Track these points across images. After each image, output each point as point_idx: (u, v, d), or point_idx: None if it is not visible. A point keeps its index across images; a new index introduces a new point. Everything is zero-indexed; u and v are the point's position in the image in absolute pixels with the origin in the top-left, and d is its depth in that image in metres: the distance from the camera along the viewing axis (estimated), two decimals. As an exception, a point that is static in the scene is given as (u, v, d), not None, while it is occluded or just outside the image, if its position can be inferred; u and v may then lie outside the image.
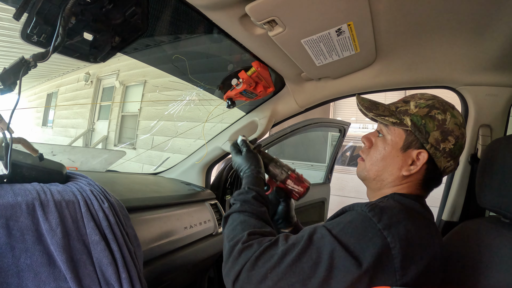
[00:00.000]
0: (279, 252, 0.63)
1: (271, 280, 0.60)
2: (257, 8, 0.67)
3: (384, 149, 0.78)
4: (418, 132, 0.73)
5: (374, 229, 0.59)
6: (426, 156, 0.72)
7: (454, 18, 0.82)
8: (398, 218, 0.62)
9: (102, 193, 0.79)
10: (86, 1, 0.61)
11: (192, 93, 3.74)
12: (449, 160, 0.73)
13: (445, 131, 0.71)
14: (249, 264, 0.64)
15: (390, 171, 0.76)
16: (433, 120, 0.72)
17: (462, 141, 0.73)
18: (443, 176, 0.77)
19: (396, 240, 0.58)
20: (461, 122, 0.73)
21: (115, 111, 5.69)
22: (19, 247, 0.62)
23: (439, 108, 0.73)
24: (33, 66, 0.57)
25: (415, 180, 0.75)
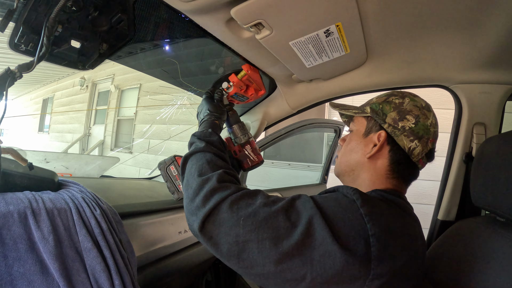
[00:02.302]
0: (257, 203, 0.59)
1: (243, 228, 0.56)
2: (242, 12, 0.67)
3: (351, 140, 0.82)
4: (376, 115, 0.77)
5: (356, 213, 0.56)
6: (384, 134, 0.74)
7: (444, 17, 0.82)
8: (380, 209, 0.60)
9: (94, 200, 0.79)
10: (72, 9, 0.62)
11: (183, 97, 3.76)
12: (413, 139, 0.72)
13: (402, 111, 0.74)
14: (224, 205, 0.59)
15: (355, 158, 0.79)
16: (390, 104, 0.76)
17: (426, 122, 0.73)
18: (415, 160, 0.73)
19: (376, 229, 0.55)
20: (422, 106, 0.75)
21: (111, 116, 5.69)
22: (12, 256, 0.62)
23: (397, 95, 0.78)
24: (19, 77, 0.57)
25: (383, 166, 0.75)
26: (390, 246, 0.55)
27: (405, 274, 0.58)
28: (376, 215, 0.57)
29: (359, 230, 0.54)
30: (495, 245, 0.76)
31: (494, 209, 0.80)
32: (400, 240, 0.58)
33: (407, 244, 0.59)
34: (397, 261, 0.56)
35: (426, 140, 0.73)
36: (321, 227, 0.54)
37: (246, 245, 0.56)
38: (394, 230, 0.58)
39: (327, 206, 0.57)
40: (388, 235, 0.56)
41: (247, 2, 0.64)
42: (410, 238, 0.61)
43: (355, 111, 0.83)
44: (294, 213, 0.57)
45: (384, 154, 0.75)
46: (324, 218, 0.55)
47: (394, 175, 0.74)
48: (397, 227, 0.59)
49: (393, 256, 0.56)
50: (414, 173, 0.76)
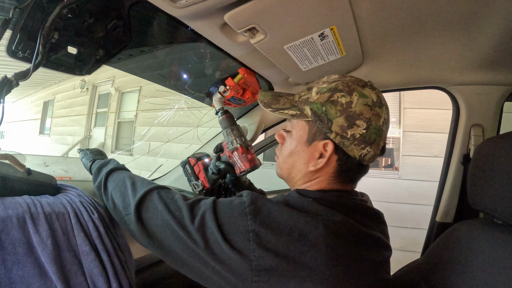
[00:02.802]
0: (176, 196, 0.69)
1: (166, 214, 0.65)
2: (235, 17, 0.68)
3: (291, 145, 0.73)
4: (319, 122, 0.67)
5: (242, 211, 0.60)
6: (332, 147, 0.66)
7: (441, 18, 0.82)
8: (268, 207, 0.60)
9: (92, 203, 0.79)
10: (67, 16, 0.63)
11: (180, 101, 3.79)
12: (364, 147, 0.65)
13: (351, 116, 0.63)
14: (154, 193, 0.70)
15: (298, 168, 0.72)
16: (335, 105, 0.65)
17: (378, 123, 0.65)
18: (366, 164, 0.69)
19: (256, 225, 0.57)
20: (374, 101, 0.65)
21: (112, 118, 5.70)
22: (11, 259, 0.63)
23: (343, 89, 0.65)
24: (15, 85, 0.58)
25: (326, 174, 0.69)
26: (270, 242, 0.56)
27: (293, 271, 0.55)
28: (259, 213, 0.59)
29: (240, 226, 0.58)
30: (491, 248, 0.75)
31: (491, 211, 0.79)
32: (286, 237, 0.56)
33: (296, 241, 0.56)
34: (280, 257, 0.55)
35: (378, 142, 0.67)
36: (210, 219, 0.60)
37: (165, 226, 0.64)
38: (279, 228, 0.57)
39: (221, 205, 0.63)
40: (270, 231, 0.57)
41: (240, 7, 0.65)
42: (303, 238, 0.57)
43: (292, 112, 0.71)
44: (196, 207, 0.65)
45: (331, 162, 0.68)
46: (215, 213, 0.61)
47: (339, 180, 0.70)
48: (286, 225, 0.57)
49: (275, 252, 0.56)
50: (363, 173, 0.72)
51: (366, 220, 0.66)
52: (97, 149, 1.03)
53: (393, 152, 3.37)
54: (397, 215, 3.14)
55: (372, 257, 0.62)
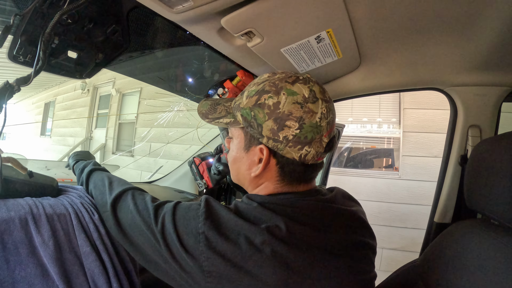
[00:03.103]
0: (146, 198, 0.71)
1: (136, 214, 0.67)
2: (232, 21, 0.69)
3: (232, 152, 0.73)
4: (250, 128, 0.65)
5: (196, 214, 0.61)
6: (267, 151, 0.64)
7: (437, 20, 0.82)
8: (219, 211, 0.61)
9: (93, 204, 0.80)
10: (67, 22, 0.64)
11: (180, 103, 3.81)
12: (301, 147, 0.62)
13: (280, 117, 0.60)
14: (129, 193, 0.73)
15: (243, 174, 0.71)
16: (263, 109, 0.62)
17: (313, 120, 0.61)
18: (311, 163, 0.66)
19: (206, 227, 0.58)
20: (305, 97, 0.61)
21: (112, 119, 5.71)
22: (13, 260, 0.64)
23: (270, 90, 0.62)
24: (17, 90, 0.59)
25: (270, 178, 0.67)
26: (218, 245, 0.56)
27: (239, 277, 0.55)
28: (211, 216, 0.60)
29: (193, 228, 0.59)
30: (488, 248, 0.74)
31: (488, 212, 0.79)
32: (232, 242, 0.56)
33: (240, 247, 0.56)
34: (227, 260, 0.55)
35: (319, 139, 0.62)
36: (169, 221, 0.62)
37: (134, 225, 0.67)
38: (227, 232, 0.57)
39: (180, 208, 0.64)
40: (218, 235, 0.57)
41: (237, 11, 0.66)
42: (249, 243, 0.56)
43: (226, 120, 0.70)
44: (160, 209, 0.66)
45: (271, 167, 0.66)
46: (173, 215, 0.63)
47: (286, 182, 0.67)
48: (233, 230, 0.57)
49: (222, 255, 0.56)
50: (314, 171, 0.69)
51: (321, 221, 0.63)
52: (84, 152, 1.07)
53: (393, 152, 3.37)
54: (397, 215, 3.14)
55: (329, 260, 0.59)
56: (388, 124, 3.41)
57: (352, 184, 3.23)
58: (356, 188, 3.25)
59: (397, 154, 3.30)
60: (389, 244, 3.12)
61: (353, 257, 0.63)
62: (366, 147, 3.55)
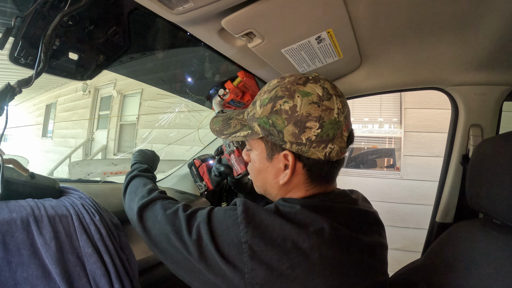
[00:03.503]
0: (176, 207, 0.69)
1: (165, 223, 0.67)
2: (233, 22, 0.69)
3: (255, 163, 0.72)
4: (271, 136, 0.64)
5: (234, 221, 0.59)
6: (292, 156, 0.63)
7: (437, 19, 0.82)
8: (260, 216, 0.59)
9: (94, 206, 0.81)
10: (68, 24, 0.64)
11: (181, 104, 3.81)
12: (325, 145, 0.61)
13: (299, 120, 0.60)
14: (158, 202, 0.73)
15: (270, 184, 0.70)
16: (280, 115, 0.61)
17: (331, 117, 0.60)
18: (336, 159, 0.65)
19: (249, 236, 0.56)
20: (320, 96, 0.61)
21: (114, 120, 5.72)
22: (15, 261, 0.64)
23: (284, 95, 0.62)
24: (18, 92, 0.59)
25: (299, 182, 0.66)
26: (263, 254, 0.55)
27: (286, 284, 0.53)
28: (252, 223, 0.57)
29: (233, 238, 0.57)
30: (490, 248, 0.74)
31: (490, 211, 0.79)
32: (279, 248, 0.55)
33: (287, 252, 0.54)
34: (273, 270, 0.54)
35: (340, 134, 0.63)
36: (205, 231, 0.60)
37: (163, 235, 0.66)
38: (272, 239, 0.55)
39: (215, 215, 0.62)
40: (263, 243, 0.55)
41: (237, 12, 0.66)
42: (296, 249, 0.55)
43: (243, 133, 0.69)
44: (193, 218, 0.64)
45: (299, 170, 0.65)
46: (209, 224, 0.61)
47: (316, 184, 0.67)
48: (278, 235, 0.56)
49: (268, 265, 0.54)
50: (338, 168, 0.69)
51: (356, 223, 0.64)
52: (145, 153, 1.08)
53: (394, 152, 3.37)
54: (399, 215, 3.13)
55: (366, 262, 0.60)
56: (389, 124, 3.41)
57: (353, 184, 3.22)
58: (358, 188, 3.21)
59: (398, 154, 3.30)
60: (390, 244, 3.06)
61: (377, 258, 0.64)
62: (368, 147, 3.55)
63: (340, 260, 0.56)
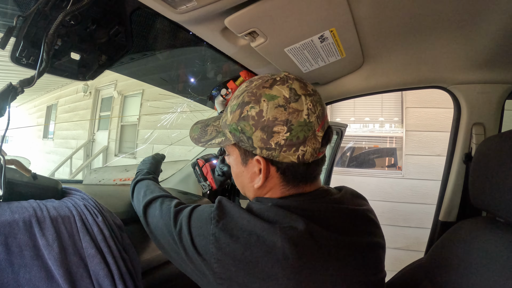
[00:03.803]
0: (172, 204, 0.74)
1: (160, 218, 0.74)
2: (236, 21, 0.69)
3: (233, 168, 0.72)
4: (242, 143, 0.64)
5: (208, 216, 0.61)
6: (263, 162, 0.63)
7: (440, 18, 0.81)
8: (232, 213, 0.60)
9: (96, 207, 0.80)
10: (70, 23, 0.64)
11: (183, 104, 3.81)
12: (296, 149, 0.60)
13: (266, 125, 0.59)
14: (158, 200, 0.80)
15: (247, 187, 0.71)
16: (247, 121, 0.60)
17: (301, 118, 0.58)
18: (311, 160, 0.63)
19: (216, 229, 0.58)
20: (286, 98, 0.59)
21: (115, 121, 5.72)
22: (18, 263, 0.64)
23: (250, 100, 0.61)
24: (20, 92, 0.59)
25: (274, 185, 0.66)
26: (228, 246, 0.56)
27: (250, 277, 0.54)
28: (223, 217, 0.59)
29: (205, 230, 0.60)
30: (494, 246, 0.74)
31: (493, 210, 0.78)
32: (243, 241, 0.56)
33: (251, 247, 0.55)
34: (238, 263, 0.55)
35: (312, 135, 0.60)
36: (185, 224, 0.64)
37: (159, 229, 0.73)
38: (238, 232, 0.57)
39: (196, 211, 0.66)
40: (229, 235, 0.57)
41: (240, 11, 0.66)
42: (261, 243, 0.55)
43: (218, 140, 0.69)
44: (179, 213, 0.69)
45: (272, 174, 0.64)
46: (189, 218, 0.65)
47: (292, 185, 0.66)
48: (245, 229, 0.57)
49: (232, 257, 0.55)
50: (317, 167, 0.67)
51: (337, 223, 0.62)
52: (150, 160, 1.11)
53: (396, 151, 3.37)
54: (401, 214, 3.13)
55: (347, 262, 0.59)
56: (390, 123, 3.41)
57: (355, 183, 3.22)
58: (359, 188, 3.21)
59: (400, 153, 3.29)
60: (393, 244, 3.10)
61: (365, 258, 0.63)
62: (369, 147, 3.55)
63: (309, 258, 0.54)
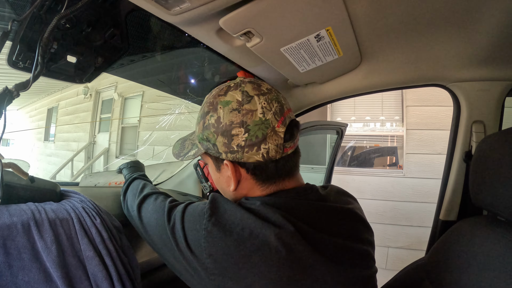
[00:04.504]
0: (166, 202, 0.74)
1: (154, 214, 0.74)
2: (230, 22, 0.69)
3: (212, 175, 0.75)
4: (210, 150, 0.67)
5: (201, 211, 0.62)
6: (230, 164, 0.65)
7: (438, 15, 0.81)
8: (224, 208, 0.62)
9: (94, 209, 0.81)
10: (65, 26, 0.64)
11: (181, 106, 3.82)
12: (258, 147, 0.61)
13: (225, 130, 0.62)
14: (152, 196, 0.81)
15: (227, 192, 0.72)
16: (209, 129, 0.64)
17: (254, 119, 0.60)
18: (279, 157, 0.64)
19: (209, 223, 0.59)
20: (239, 101, 0.61)
21: (115, 123, 5.73)
22: (16, 265, 0.64)
23: (209, 109, 0.65)
24: (16, 95, 0.59)
25: (250, 186, 0.67)
26: (221, 240, 0.57)
27: (242, 271, 0.55)
28: (216, 212, 0.61)
29: (197, 225, 0.61)
30: (495, 245, 0.74)
31: (494, 209, 0.78)
32: (236, 236, 0.57)
33: (244, 241, 0.56)
34: (230, 257, 0.56)
35: (271, 132, 0.61)
36: (178, 220, 0.65)
37: (152, 226, 0.73)
38: (231, 226, 0.58)
39: (189, 208, 0.67)
40: (222, 229, 0.58)
41: (235, 12, 0.66)
42: (254, 238, 0.56)
43: (192, 152, 0.73)
44: (173, 209, 0.70)
45: (244, 176, 0.66)
46: (182, 214, 0.65)
47: (269, 183, 0.67)
48: (238, 223, 0.58)
49: (225, 252, 0.56)
50: (289, 161, 0.67)
51: (321, 221, 0.63)
52: (135, 162, 1.16)
53: (396, 150, 3.36)
54: (402, 213, 3.13)
55: (335, 260, 0.59)
56: (391, 122, 3.40)
57: (356, 183, 3.22)
58: (361, 187, 3.24)
59: (400, 152, 3.29)
60: (394, 243, 3.10)
61: (353, 256, 0.63)
62: (370, 146, 3.54)
63: (299, 254, 0.56)
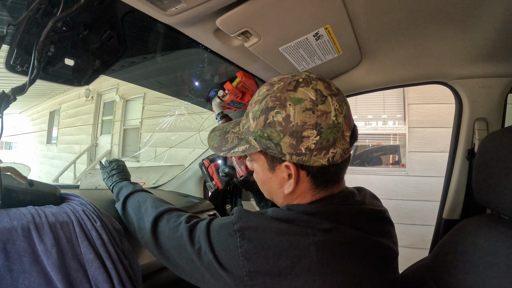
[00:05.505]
0: (180, 219, 0.72)
1: (172, 236, 0.70)
2: (227, 21, 0.68)
3: (259, 174, 0.70)
4: (269, 150, 0.62)
5: (230, 229, 0.59)
6: (294, 167, 0.61)
7: (438, 12, 0.80)
8: (257, 224, 0.58)
9: (95, 212, 0.80)
10: (62, 29, 0.64)
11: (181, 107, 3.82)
12: (327, 151, 0.58)
13: (295, 131, 0.57)
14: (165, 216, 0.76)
15: (276, 193, 0.68)
16: (274, 127, 0.58)
17: (329, 121, 0.57)
18: (341, 161, 0.62)
19: (245, 244, 0.56)
20: (313, 100, 0.57)
21: (117, 125, 5.75)
22: (17, 269, 0.64)
23: (275, 105, 0.58)
24: (13, 99, 0.59)
25: (305, 189, 0.64)
26: (261, 261, 0.55)
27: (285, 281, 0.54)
28: (247, 229, 0.58)
29: (230, 245, 0.58)
30: (499, 244, 0.73)
31: (497, 207, 0.77)
32: (275, 250, 0.55)
33: (284, 253, 0.54)
34: (271, 271, 0.54)
35: (341, 136, 0.59)
36: (204, 241, 0.62)
37: (172, 249, 0.70)
38: (268, 242, 0.56)
39: (213, 226, 0.64)
40: (259, 247, 0.56)
41: (231, 11, 0.65)
42: (293, 248, 0.54)
43: (242, 148, 0.67)
44: (194, 229, 0.67)
45: (303, 178, 0.63)
46: (208, 234, 0.62)
47: (322, 187, 0.64)
48: (274, 237, 0.56)
49: (265, 267, 0.55)
50: (344, 168, 0.65)
51: (364, 224, 0.62)
52: (116, 166, 1.05)
53: (399, 148, 3.35)
54: (405, 212, 3.11)
55: (374, 261, 0.59)
56: (393, 120, 3.39)
57: (359, 182, 3.20)
58: (363, 186, 3.21)
59: (403, 150, 3.28)
60: (398, 242, 3.08)
61: (386, 257, 0.64)
62: (372, 145, 3.53)
63: (339, 260, 0.55)
